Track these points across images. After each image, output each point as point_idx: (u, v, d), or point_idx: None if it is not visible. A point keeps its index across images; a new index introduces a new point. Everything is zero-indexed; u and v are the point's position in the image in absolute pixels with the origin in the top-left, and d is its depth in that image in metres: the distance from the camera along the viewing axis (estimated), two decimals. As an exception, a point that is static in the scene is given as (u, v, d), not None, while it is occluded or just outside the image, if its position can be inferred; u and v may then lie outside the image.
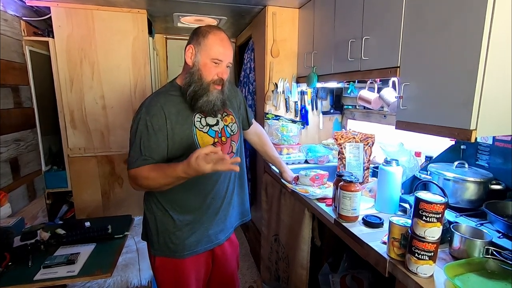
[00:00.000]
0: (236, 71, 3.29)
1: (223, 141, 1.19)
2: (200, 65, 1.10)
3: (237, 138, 1.27)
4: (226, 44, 1.12)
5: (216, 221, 1.22)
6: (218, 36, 1.11)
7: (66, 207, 2.27)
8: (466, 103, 0.88)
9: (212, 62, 1.10)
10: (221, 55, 1.10)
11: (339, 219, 1.16)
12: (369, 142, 1.53)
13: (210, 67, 1.10)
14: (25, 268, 1.18)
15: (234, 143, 1.25)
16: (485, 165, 1.21)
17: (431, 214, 0.79)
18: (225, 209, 1.24)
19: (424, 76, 1.03)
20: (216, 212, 1.21)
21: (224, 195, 1.23)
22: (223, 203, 1.23)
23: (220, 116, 1.21)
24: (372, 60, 1.30)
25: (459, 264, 0.84)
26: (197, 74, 1.10)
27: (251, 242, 2.64)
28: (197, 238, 1.18)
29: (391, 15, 1.17)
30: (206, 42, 1.09)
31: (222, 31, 1.14)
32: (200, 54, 1.10)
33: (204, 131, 1.15)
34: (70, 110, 2.09)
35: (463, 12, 0.88)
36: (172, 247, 1.16)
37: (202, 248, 1.20)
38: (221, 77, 1.12)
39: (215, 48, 1.09)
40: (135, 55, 2.17)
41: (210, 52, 1.09)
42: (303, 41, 2.03)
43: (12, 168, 1.73)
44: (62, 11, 1.97)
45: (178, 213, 1.16)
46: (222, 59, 1.10)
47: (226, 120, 1.23)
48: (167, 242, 1.16)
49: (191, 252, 1.17)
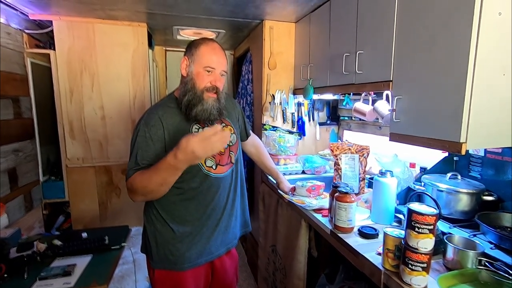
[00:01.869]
0: (234, 83, 3.34)
1: (221, 152, 1.21)
2: (194, 75, 1.13)
3: (236, 149, 1.29)
4: (218, 52, 1.15)
5: (217, 232, 1.21)
6: (209, 46, 1.14)
7: (63, 217, 2.26)
8: (455, 117, 0.91)
9: (204, 70, 1.12)
10: (213, 63, 1.12)
11: (335, 230, 1.17)
12: (364, 153, 1.56)
13: (203, 75, 1.12)
14: (20, 280, 1.17)
15: (232, 153, 1.26)
16: (478, 176, 1.23)
17: (423, 225, 0.81)
18: (225, 220, 1.24)
19: (416, 90, 1.06)
20: (216, 223, 1.21)
21: (224, 206, 1.23)
22: (224, 213, 1.23)
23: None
24: (366, 73, 1.34)
25: (453, 275, 0.85)
26: (191, 83, 1.13)
27: (249, 253, 2.63)
28: (198, 250, 1.17)
29: (383, 31, 1.21)
30: (198, 52, 1.13)
31: (214, 42, 1.17)
32: (193, 64, 1.13)
33: None
34: (69, 120, 2.11)
35: (450, 28, 0.92)
36: (172, 259, 1.15)
37: (202, 260, 1.19)
38: (214, 85, 1.13)
39: (207, 56, 1.12)
40: (134, 66, 2.21)
41: (202, 60, 1.12)
42: (300, 54, 2.08)
43: (10, 179, 1.74)
44: (63, 24, 2.02)
45: (178, 224, 1.15)
46: (214, 67, 1.12)
47: (224, 130, 1.25)
48: (167, 254, 1.15)
49: (191, 265, 1.16)
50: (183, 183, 1.12)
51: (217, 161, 1.19)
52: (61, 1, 1.72)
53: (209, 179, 1.17)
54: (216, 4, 1.75)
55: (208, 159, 1.17)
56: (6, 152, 1.71)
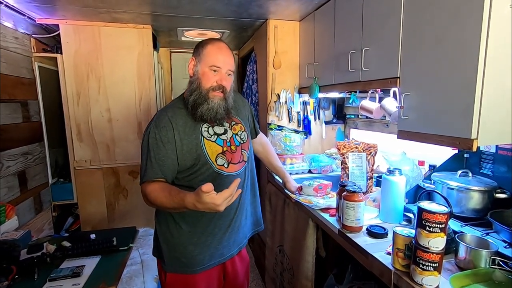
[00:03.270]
0: (239, 83, 3.34)
1: (232, 150, 1.19)
2: (200, 74, 1.13)
3: (247, 147, 1.27)
4: (224, 51, 1.14)
5: (229, 232, 1.20)
6: (215, 45, 1.14)
7: (72, 219, 2.29)
8: (466, 113, 0.89)
9: (210, 70, 1.12)
10: (219, 62, 1.12)
11: (343, 229, 1.16)
12: (371, 152, 1.53)
13: (209, 75, 1.12)
14: (31, 281, 1.18)
15: (244, 151, 1.25)
16: (489, 173, 1.20)
17: (434, 224, 0.79)
18: (237, 220, 1.23)
19: (424, 86, 1.04)
20: (228, 224, 1.20)
21: (236, 206, 1.22)
22: (236, 213, 1.22)
23: (228, 125, 1.22)
24: (372, 71, 1.32)
25: (465, 275, 0.83)
26: (197, 82, 1.13)
27: (256, 253, 2.62)
28: (210, 252, 1.16)
29: (389, 27, 1.19)
30: (204, 52, 1.13)
31: (221, 41, 1.17)
32: (199, 64, 1.13)
33: (212, 140, 1.16)
34: (76, 123, 2.14)
35: (460, 24, 0.90)
36: (185, 262, 1.14)
37: (214, 263, 1.18)
38: (220, 84, 1.13)
39: (213, 55, 1.12)
40: (140, 68, 2.22)
41: (208, 60, 1.12)
42: (305, 52, 2.06)
43: (20, 181, 1.76)
44: (70, 28, 2.04)
45: (190, 226, 1.14)
46: (220, 66, 1.12)
47: (235, 128, 1.24)
48: (179, 257, 1.14)
49: (203, 267, 1.15)
50: (192, 181, 1.12)
51: (228, 159, 1.18)
52: (67, 5, 1.75)
53: (220, 177, 1.15)
54: (219, 4, 1.75)
55: (219, 158, 1.15)
56: (16, 155, 1.73)
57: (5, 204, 1.55)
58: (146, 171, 1.08)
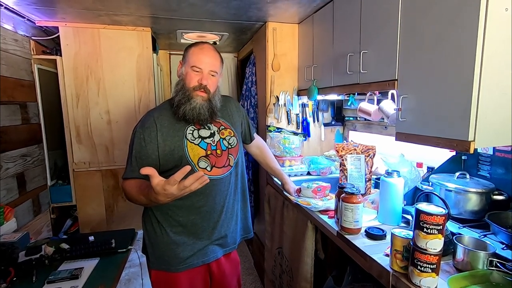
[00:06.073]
0: (238, 85, 3.35)
1: (217, 154, 1.20)
2: (183, 75, 1.18)
3: (236, 152, 1.28)
4: (206, 52, 1.17)
5: (213, 235, 1.22)
6: (198, 46, 1.18)
7: (71, 221, 2.28)
8: (463, 115, 0.89)
9: (192, 70, 1.15)
10: (201, 63, 1.14)
11: (342, 231, 1.16)
12: (370, 154, 1.54)
13: (191, 75, 1.15)
14: (29, 283, 1.18)
15: (232, 156, 1.25)
16: (487, 175, 1.21)
17: (432, 225, 0.79)
18: (223, 223, 1.24)
19: (422, 89, 1.05)
20: (213, 226, 1.22)
21: (221, 209, 1.23)
22: (221, 217, 1.23)
23: (216, 129, 1.23)
24: (370, 73, 1.33)
25: (463, 276, 0.83)
26: (181, 83, 1.17)
27: (255, 255, 2.62)
28: (193, 251, 1.18)
29: (387, 29, 1.20)
30: (188, 54, 1.18)
31: (205, 43, 1.20)
32: (184, 66, 1.18)
33: (196, 143, 1.17)
34: (76, 125, 2.14)
35: (456, 27, 0.91)
36: (168, 260, 1.17)
37: (198, 262, 1.19)
38: (201, 83, 1.15)
39: (195, 56, 1.16)
40: (139, 71, 2.22)
41: (190, 60, 1.16)
42: (303, 55, 2.07)
43: (18, 183, 1.76)
44: (70, 30, 2.05)
45: (172, 226, 1.18)
46: (201, 66, 1.14)
47: (223, 133, 1.25)
48: (162, 255, 1.17)
49: (186, 266, 1.17)
50: None
51: (212, 162, 1.19)
52: (67, 8, 1.75)
53: None
54: (219, 7, 1.76)
55: (201, 161, 1.17)
56: (15, 157, 1.73)
57: (4, 206, 1.55)
58: (127, 169, 1.13)
